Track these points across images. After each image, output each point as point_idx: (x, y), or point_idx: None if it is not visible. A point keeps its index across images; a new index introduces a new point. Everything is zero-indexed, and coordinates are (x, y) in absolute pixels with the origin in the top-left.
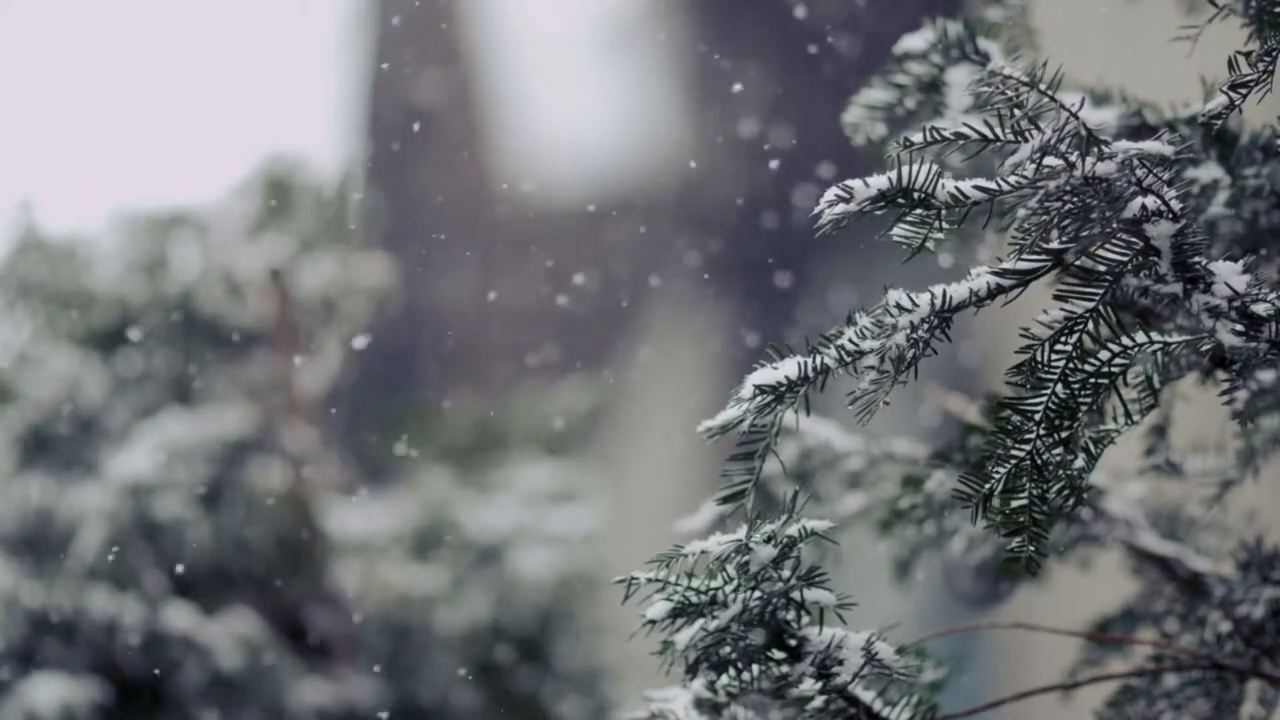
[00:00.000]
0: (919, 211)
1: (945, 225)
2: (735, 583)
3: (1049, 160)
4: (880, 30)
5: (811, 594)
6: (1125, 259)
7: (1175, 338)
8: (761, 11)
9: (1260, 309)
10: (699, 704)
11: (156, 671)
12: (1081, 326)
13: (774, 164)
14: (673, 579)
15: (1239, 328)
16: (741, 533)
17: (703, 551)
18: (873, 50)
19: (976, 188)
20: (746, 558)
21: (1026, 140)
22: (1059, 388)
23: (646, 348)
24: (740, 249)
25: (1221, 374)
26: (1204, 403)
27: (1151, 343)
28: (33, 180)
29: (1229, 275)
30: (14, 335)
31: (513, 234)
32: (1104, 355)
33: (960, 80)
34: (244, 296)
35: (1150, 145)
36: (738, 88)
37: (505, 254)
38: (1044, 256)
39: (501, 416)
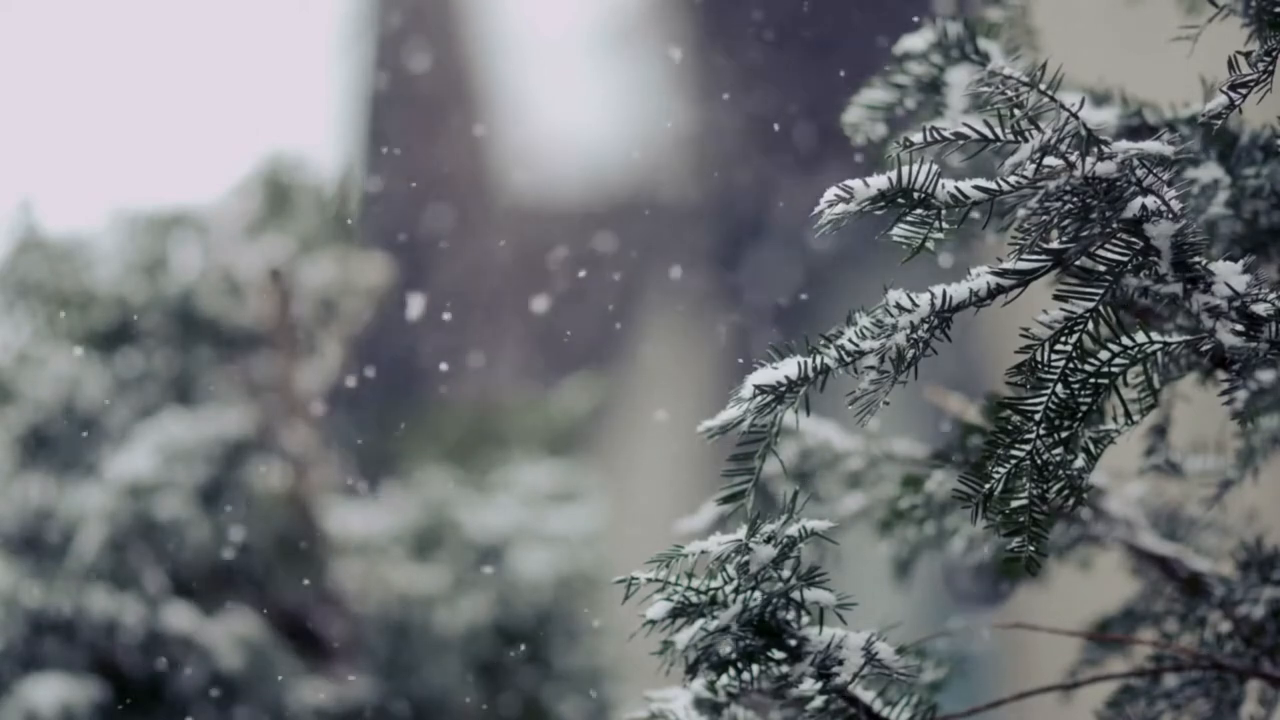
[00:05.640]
0: (919, 211)
1: (945, 225)
2: (735, 583)
3: (1049, 160)
4: (881, 30)
5: (811, 594)
6: (1125, 259)
7: (1175, 338)
8: (761, 11)
9: (1260, 309)
10: (699, 704)
11: (156, 671)
12: (1081, 326)
13: (775, 163)
14: (673, 579)
15: (1239, 328)
16: (741, 533)
17: (703, 551)
18: (874, 49)
19: (976, 188)
20: (746, 558)
21: (1026, 140)
22: (1059, 388)
23: (646, 348)
24: (740, 248)
25: (1221, 374)
26: (1204, 403)
27: (1151, 343)
28: (33, 180)
29: (1229, 275)
30: (14, 335)
31: (512, 233)
32: (1104, 355)
33: (960, 80)
34: (244, 296)
35: (1150, 145)
36: (738, 87)
37: (505, 253)
38: (1044, 256)
39: (501, 416)
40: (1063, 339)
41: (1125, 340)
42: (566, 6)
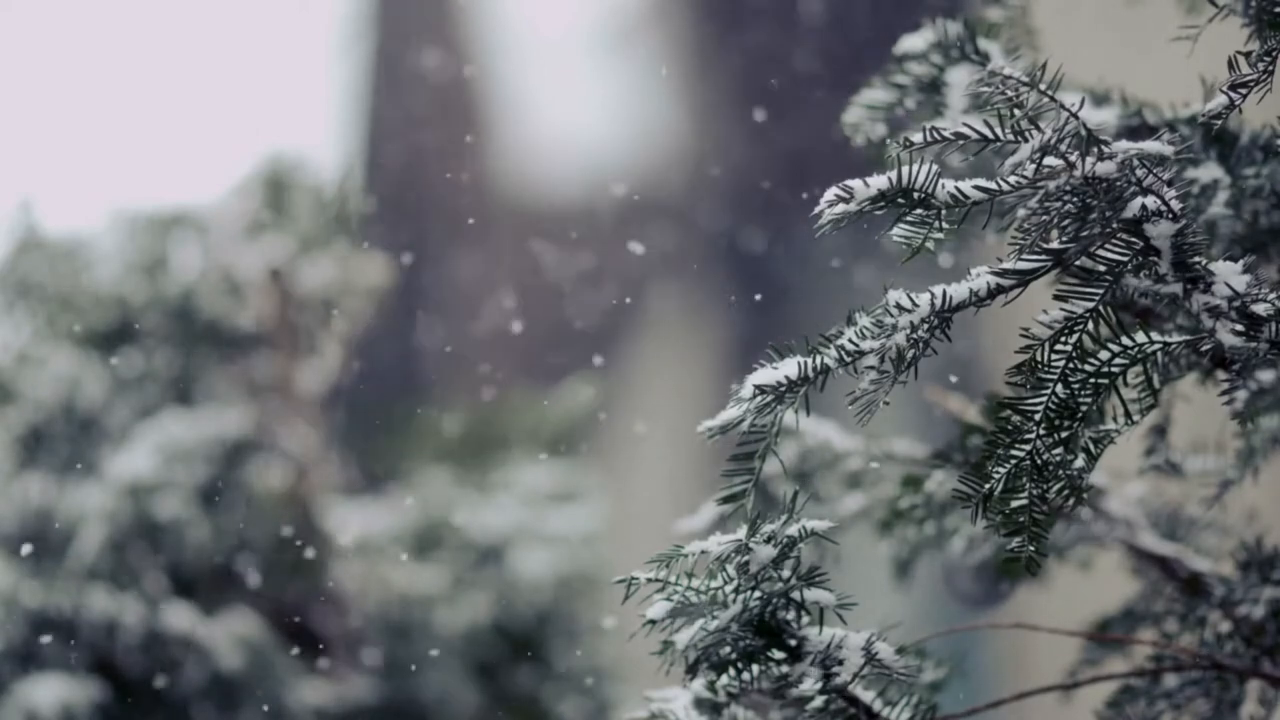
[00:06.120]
0: (919, 211)
1: (945, 225)
2: (735, 583)
3: (1049, 160)
4: (881, 30)
5: (811, 594)
6: (1125, 259)
7: (1175, 338)
8: (762, 10)
9: (1260, 309)
10: (699, 704)
11: (156, 671)
12: (1081, 326)
13: (774, 163)
14: (673, 579)
15: (1239, 328)
16: (741, 533)
17: (703, 551)
18: (874, 50)
19: (976, 188)
20: (746, 558)
21: (1026, 140)
22: (1059, 388)
23: (646, 348)
24: (740, 248)
25: (1221, 374)
26: (1204, 403)
27: (1151, 343)
28: (33, 180)
29: (1229, 275)
30: (14, 335)
31: (513, 233)
32: (1104, 355)
33: (960, 80)
34: (244, 296)
35: (1150, 145)
36: (738, 87)
37: (505, 253)
38: (1044, 256)
39: (501, 416)
40: (1063, 339)
41: (1125, 340)
42: (566, 7)
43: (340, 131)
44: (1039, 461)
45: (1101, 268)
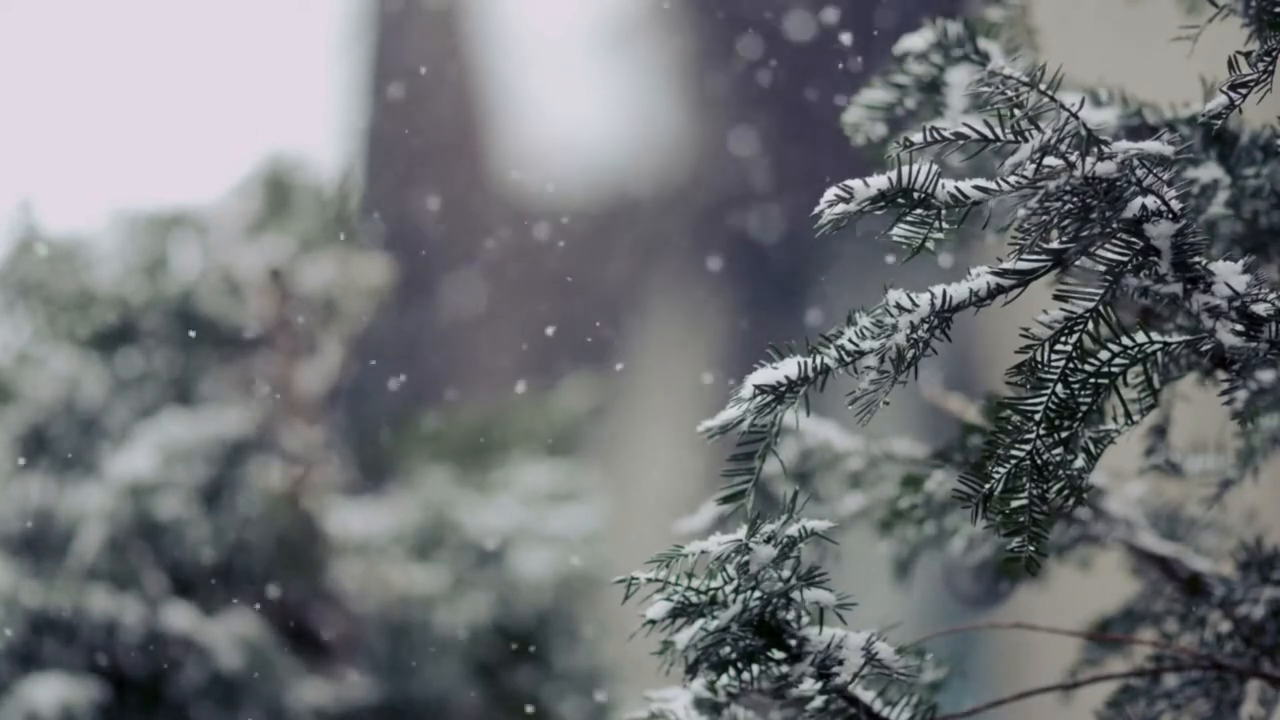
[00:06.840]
0: (919, 211)
1: (945, 225)
2: (735, 583)
3: (1049, 160)
4: (882, 30)
5: (811, 594)
6: (1125, 259)
7: (1175, 338)
8: (762, 11)
9: (1260, 309)
10: (699, 704)
11: (156, 671)
12: (1081, 326)
13: (774, 163)
14: (673, 579)
15: (1239, 328)
16: (741, 533)
17: (703, 551)
18: (874, 49)
19: (976, 188)
20: (746, 558)
21: (1026, 140)
22: (1059, 388)
23: (646, 347)
24: (741, 249)
25: (1221, 374)
26: (1204, 403)
27: (1151, 343)
28: (33, 180)
29: (1229, 275)
30: (14, 335)
31: (513, 233)
32: (1104, 355)
33: (960, 80)
34: (244, 296)
35: (1150, 145)
36: (738, 87)
37: (505, 253)
38: (1044, 256)
39: (501, 416)
40: (1063, 339)
41: (1125, 340)
42: (566, 7)
43: (340, 131)
44: (1039, 461)
45: (1101, 268)
